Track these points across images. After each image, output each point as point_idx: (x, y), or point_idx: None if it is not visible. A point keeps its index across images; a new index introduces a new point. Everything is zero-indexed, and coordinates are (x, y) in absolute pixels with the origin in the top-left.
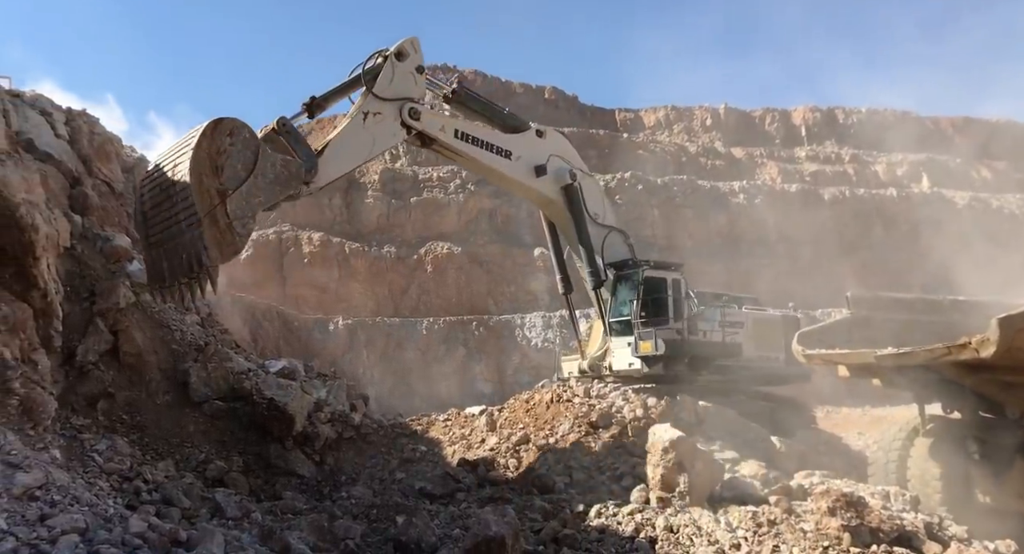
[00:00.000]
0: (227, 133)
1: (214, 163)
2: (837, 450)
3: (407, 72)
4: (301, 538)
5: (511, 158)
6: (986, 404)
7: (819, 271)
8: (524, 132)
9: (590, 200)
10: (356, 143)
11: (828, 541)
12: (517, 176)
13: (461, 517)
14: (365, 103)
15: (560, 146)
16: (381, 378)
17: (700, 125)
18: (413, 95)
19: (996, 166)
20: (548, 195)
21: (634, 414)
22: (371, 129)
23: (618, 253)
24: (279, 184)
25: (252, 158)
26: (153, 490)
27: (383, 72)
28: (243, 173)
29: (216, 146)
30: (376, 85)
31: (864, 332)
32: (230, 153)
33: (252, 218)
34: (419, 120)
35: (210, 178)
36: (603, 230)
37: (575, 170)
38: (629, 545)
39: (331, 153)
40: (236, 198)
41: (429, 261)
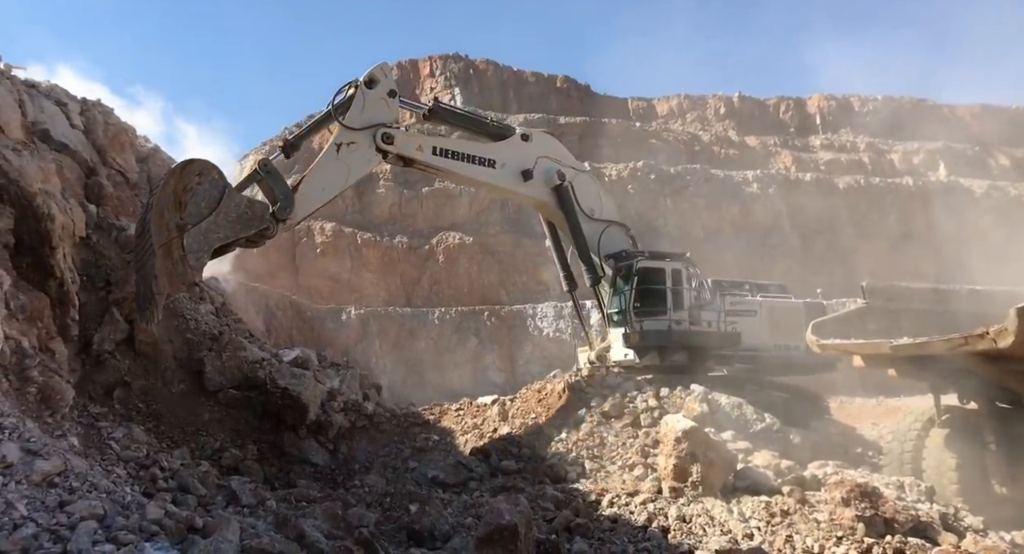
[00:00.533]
0: (196, 173)
1: (179, 200)
2: (851, 440)
3: (379, 98)
4: (315, 525)
5: (495, 166)
6: (1003, 394)
7: (833, 261)
8: (508, 138)
9: (584, 197)
10: (331, 175)
11: (842, 531)
12: (503, 184)
13: (474, 506)
14: (338, 135)
15: (548, 147)
16: (393, 368)
17: (714, 114)
18: (386, 120)
19: (1015, 154)
20: (538, 198)
21: (646, 404)
22: (345, 159)
23: (617, 246)
24: (240, 223)
25: (217, 197)
26: (169, 477)
27: (354, 102)
28: (206, 211)
29: (183, 184)
30: (347, 116)
31: (879, 322)
32: (196, 191)
33: (207, 253)
34: (393, 144)
35: (171, 213)
36: (600, 225)
37: (565, 169)
38: (641, 534)
39: (306, 187)
40: (193, 233)
41: (441, 251)
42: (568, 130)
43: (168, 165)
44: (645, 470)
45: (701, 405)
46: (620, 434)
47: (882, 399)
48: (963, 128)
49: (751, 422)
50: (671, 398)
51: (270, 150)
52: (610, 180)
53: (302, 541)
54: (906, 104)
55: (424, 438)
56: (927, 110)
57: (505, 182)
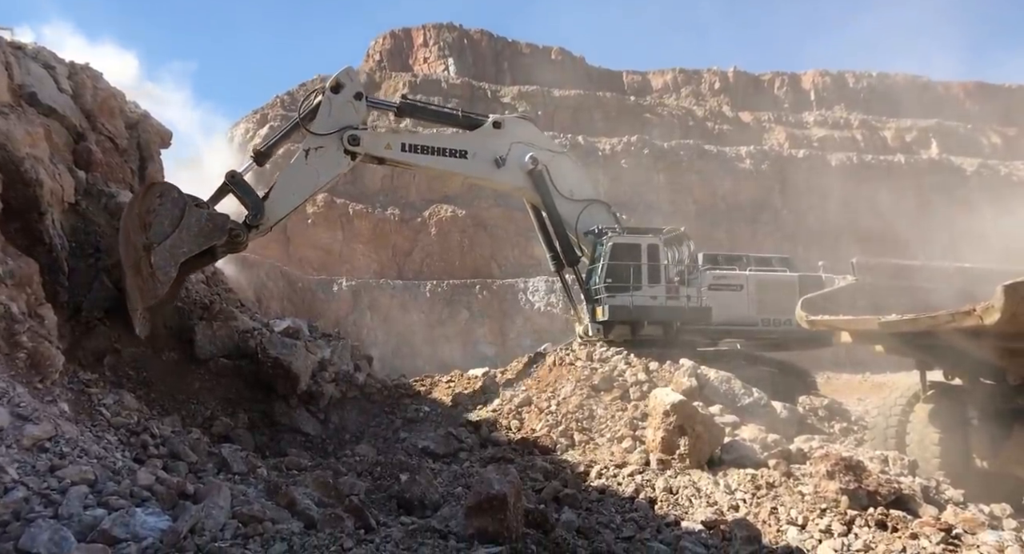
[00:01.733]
0: (157, 195)
1: (143, 221)
2: (837, 415)
3: (345, 102)
4: (306, 493)
5: (467, 157)
6: (987, 371)
7: (824, 237)
8: (480, 128)
9: (560, 179)
10: (301, 180)
11: (826, 503)
12: (477, 173)
13: (464, 476)
14: (306, 141)
15: (522, 133)
16: (384, 339)
17: (708, 88)
18: (354, 122)
19: (1007, 132)
20: (513, 184)
21: (636, 378)
22: (314, 164)
23: (597, 223)
24: (203, 236)
25: (179, 215)
26: (160, 444)
27: (321, 108)
28: (169, 228)
29: (146, 206)
30: (315, 123)
31: (868, 299)
32: (158, 211)
33: (174, 267)
34: (360, 144)
35: (137, 234)
36: (579, 205)
37: (540, 153)
38: (629, 505)
39: (277, 192)
40: (159, 250)
41: (433, 224)
42: (562, 103)
43: (159, 132)
44: (633, 442)
45: (690, 379)
46: (609, 407)
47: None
48: (956, 106)
49: (739, 396)
50: (660, 372)
51: (261, 119)
52: (603, 154)
53: (293, 508)
54: (900, 81)
55: (415, 409)
56: (921, 87)
57: (478, 171)
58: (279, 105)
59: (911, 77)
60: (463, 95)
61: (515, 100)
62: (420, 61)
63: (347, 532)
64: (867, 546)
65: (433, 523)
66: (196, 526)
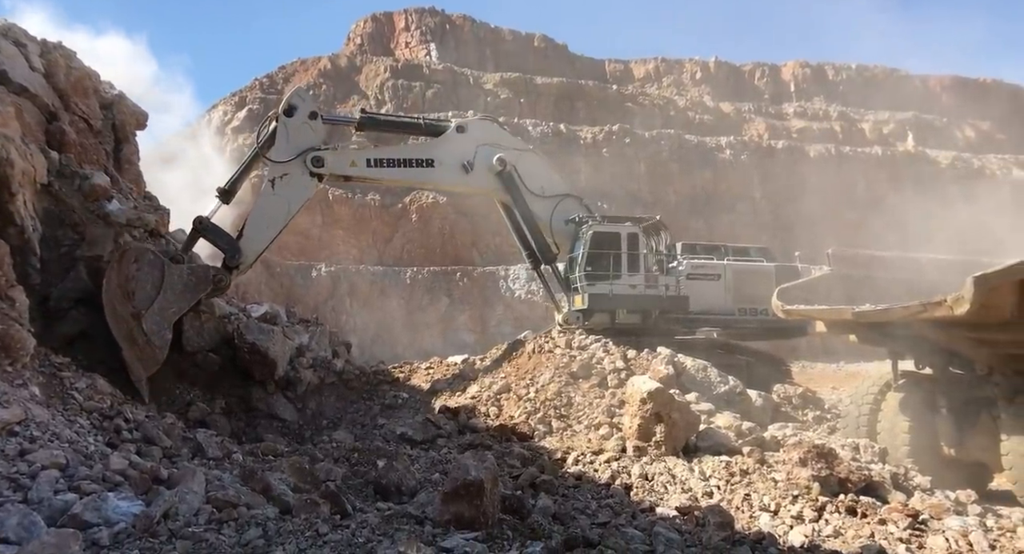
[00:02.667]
0: (133, 261)
1: (125, 291)
2: (811, 404)
3: (301, 124)
4: (282, 479)
5: (434, 165)
6: (957, 360)
7: (802, 228)
8: (444, 134)
9: (530, 177)
10: (272, 211)
11: (798, 490)
12: (446, 181)
13: (441, 462)
14: (270, 171)
15: (487, 134)
16: (364, 326)
17: (690, 78)
18: (313, 144)
19: (981, 126)
20: (484, 188)
21: (614, 365)
22: (282, 193)
23: (574, 213)
24: (189, 292)
25: (159, 276)
26: (134, 429)
27: (277, 134)
28: (153, 292)
29: (124, 275)
30: (274, 150)
31: (844, 289)
32: (138, 277)
33: (168, 329)
34: (324, 165)
35: (123, 305)
36: (552, 201)
37: (507, 153)
38: (605, 491)
39: (250, 230)
40: (149, 316)
41: (414, 210)
42: (544, 90)
43: (134, 113)
44: (610, 429)
45: (667, 367)
46: (587, 394)
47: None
48: (933, 99)
49: (715, 384)
50: (638, 360)
51: (239, 102)
52: (585, 143)
53: (268, 494)
54: (879, 73)
55: (393, 396)
56: (899, 80)
57: (447, 179)
58: (258, 88)
59: (889, 70)
60: (445, 81)
61: (497, 87)
62: (402, 46)
63: (323, 517)
64: (837, 532)
65: (409, 509)
66: (170, 511)
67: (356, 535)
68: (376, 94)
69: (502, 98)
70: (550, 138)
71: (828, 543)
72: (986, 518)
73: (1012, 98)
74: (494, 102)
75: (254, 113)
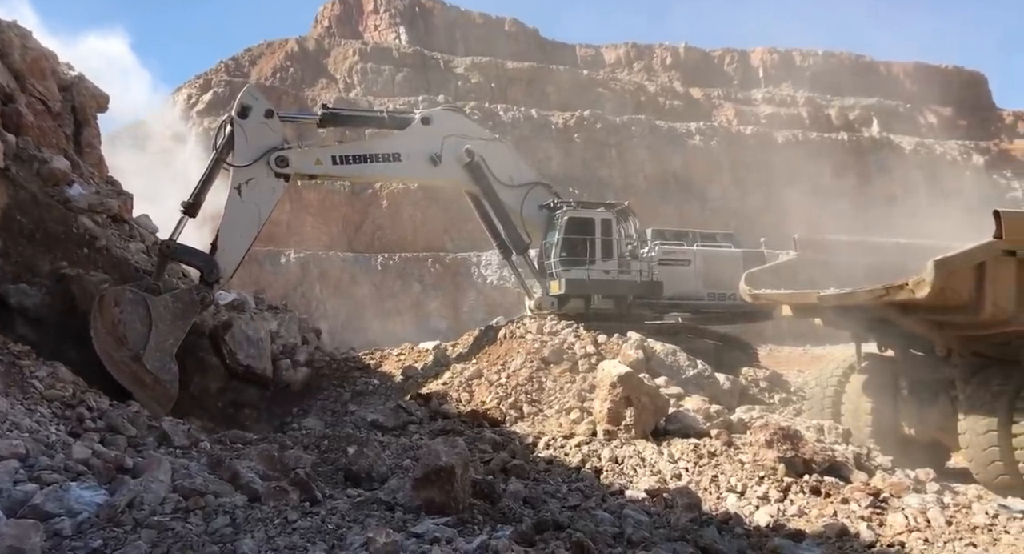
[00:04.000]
0: (113, 305)
1: (115, 336)
2: (777, 386)
3: (258, 124)
4: (250, 467)
5: (401, 159)
6: (918, 343)
7: (769, 213)
8: (409, 126)
9: (498, 167)
10: (242, 220)
11: (764, 471)
12: (414, 174)
13: (412, 448)
14: (234, 177)
15: (452, 125)
16: (334, 312)
17: (660, 64)
18: (274, 143)
19: (943, 112)
20: (453, 180)
21: (585, 350)
22: (250, 198)
23: (543, 201)
24: (181, 319)
25: (145, 312)
26: (98, 418)
27: (236, 138)
28: (144, 330)
29: (110, 321)
30: (235, 155)
31: (810, 273)
32: (124, 320)
33: (172, 361)
34: (289, 165)
35: (119, 351)
36: (521, 190)
37: (473, 143)
38: (575, 475)
39: (223, 242)
40: (149, 355)
41: (385, 196)
42: (515, 75)
43: (95, 95)
44: (581, 414)
45: (637, 352)
46: (558, 379)
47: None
48: (897, 85)
49: (684, 368)
50: (608, 345)
51: (204, 85)
52: (556, 129)
53: (236, 482)
54: (845, 60)
55: (364, 382)
56: (864, 67)
57: (415, 173)
58: (223, 70)
59: (855, 56)
60: (415, 64)
61: (468, 71)
62: (371, 28)
63: (292, 505)
64: (801, 511)
65: (380, 495)
66: (135, 500)
67: (326, 522)
68: (345, 77)
69: (473, 82)
70: (521, 123)
71: (793, 522)
72: (943, 495)
73: (972, 85)
74: (465, 86)
75: (220, 96)
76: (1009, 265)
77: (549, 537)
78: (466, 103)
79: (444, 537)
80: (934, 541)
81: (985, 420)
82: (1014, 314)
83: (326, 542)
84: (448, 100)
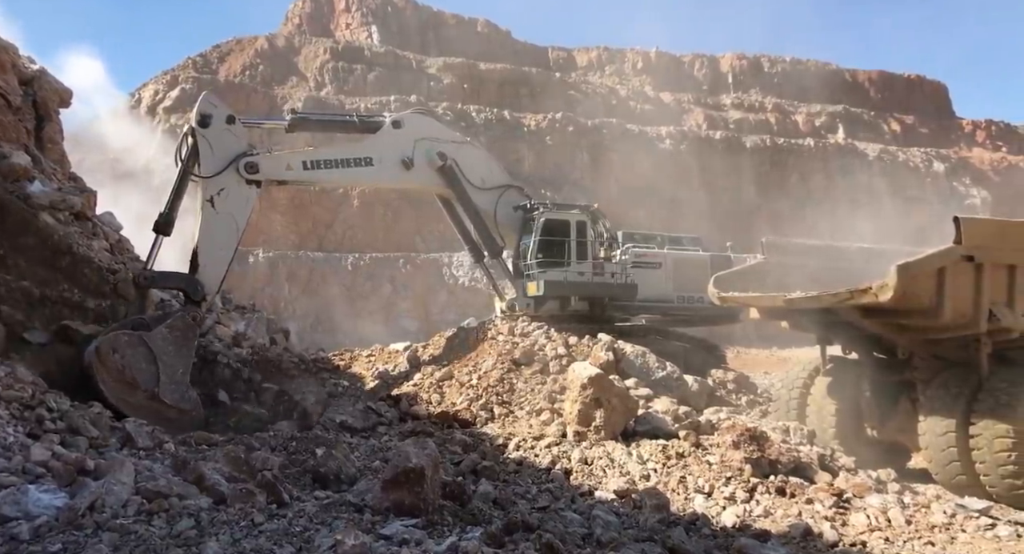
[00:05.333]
0: (111, 351)
1: (124, 382)
2: (745, 388)
3: (221, 131)
4: (216, 468)
5: (373, 164)
6: (880, 346)
7: (738, 217)
8: (380, 130)
9: (470, 170)
10: (220, 233)
11: (731, 472)
12: (386, 179)
13: (382, 450)
14: (204, 190)
15: (423, 128)
16: (303, 313)
17: (631, 68)
18: (240, 149)
19: (905, 120)
20: (426, 185)
21: (555, 352)
22: (224, 209)
23: (516, 204)
24: (183, 347)
25: (146, 350)
26: (58, 419)
27: (200, 149)
28: (151, 367)
29: (113, 369)
30: (201, 167)
31: (777, 276)
32: (127, 364)
33: (188, 388)
34: (259, 171)
35: (133, 395)
36: (494, 193)
37: (445, 146)
38: (545, 476)
39: (204, 259)
40: (164, 390)
41: (356, 195)
42: (488, 76)
43: (57, 90)
44: (552, 415)
45: (607, 353)
46: (529, 381)
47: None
48: (862, 93)
49: (653, 370)
50: (579, 347)
51: (171, 81)
52: (529, 131)
53: (201, 484)
54: (811, 67)
55: (333, 384)
56: (830, 74)
57: (387, 178)
58: (191, 67)
59: (821, 64)
60: (386, 64)
61: (440, 71)
62: (342, 27)
63: (258, 507)
64: (767, 511)
65: (349, 497)
66: (96, 503)
67: (293, 524)
68: (316, 76)
69: (445, 83)
70: (494, 125)
71: (759, 522)
72: (904, 495)
73: (934, 94)
74: (437, 87)
75: (187, 93)
76: (967, 270)
77: (519, 538)
78: (438, 104)
79: (413, 539)
80: (894, 540)
81: (944, 422)
82: (972, 317)
83: (293, 545)
84: (420, 100)
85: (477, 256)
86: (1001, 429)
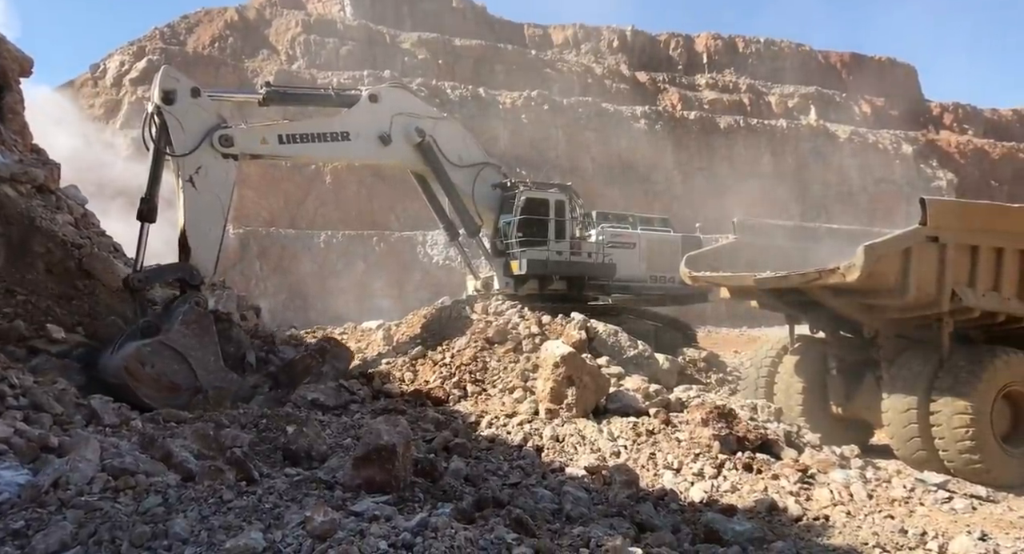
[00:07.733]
0: (141, 365)
1: (164, 389)
2: (715, 367)
3: (188, 106)
4: (184, 446)
5: (350, 138)
6: (846, 325)
7: (711, 197)
8: (356, 104)
9: (448, 147)
10: (205, 212)
11: (699, 449)
12: (363, 155)
13: (353, 427)
14: (181, 170)
15: (401, 103)
16: (275, 291)
17: (607, 46)
18: (212, 123)
19: (876, 103)
20: (403, 161)
21: (529, 331)
22: (205, 187)
23: (494, 182)
24: (206, 333)
25: (172, 352)
26: (21, 395)
27: (170, 126)
28: (183, 366)
29: (149, 380)
30: (174, 146)
31: (748, 256)
32: (162, 370)
33: (224, 370)
34: (234, 144)
35: (178, 396)
36: (472, 170)
37: (423, 122)
38: (517, 453)
39: (194, 243)
40: (203, 381)
41: (328, 172)
42: (463, 53)
43: (17, 58)
44: (524, 393)
45: (580, 332)
46: (502, 359)
47: (745, 329)
48: (834, 75)
49: (625, 348)
50: (552, 325)
51: (138, 52)
52: (504, 108)
53: (169, 461)
54: (785, 48)
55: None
56: (804, 55)
57: (364, 153)
58: (158, 37)
59: (795, 45)
60: (360, 38)
61: (415, 47)
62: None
63: (227, 484)
64: (734, 487)
65: (319, 474)
66: (60, 480)
67: (263, 501)
68: (287, 49)
69: (420, 59)
70: (469, 102)
71: (726, 497)
72: (866, 470)
73: (904, 77)
74: (411, 62)
75: (154, 64)
76: (932, 251)
77: (489, 514)
78: (412, 79)
79: (383, 515)
80: (856, 514)
81: (906, 399)
82: (935, 298)
83: (262, 521)
84: (395, 76)
85: (452, 234)
86: (960, 406)
